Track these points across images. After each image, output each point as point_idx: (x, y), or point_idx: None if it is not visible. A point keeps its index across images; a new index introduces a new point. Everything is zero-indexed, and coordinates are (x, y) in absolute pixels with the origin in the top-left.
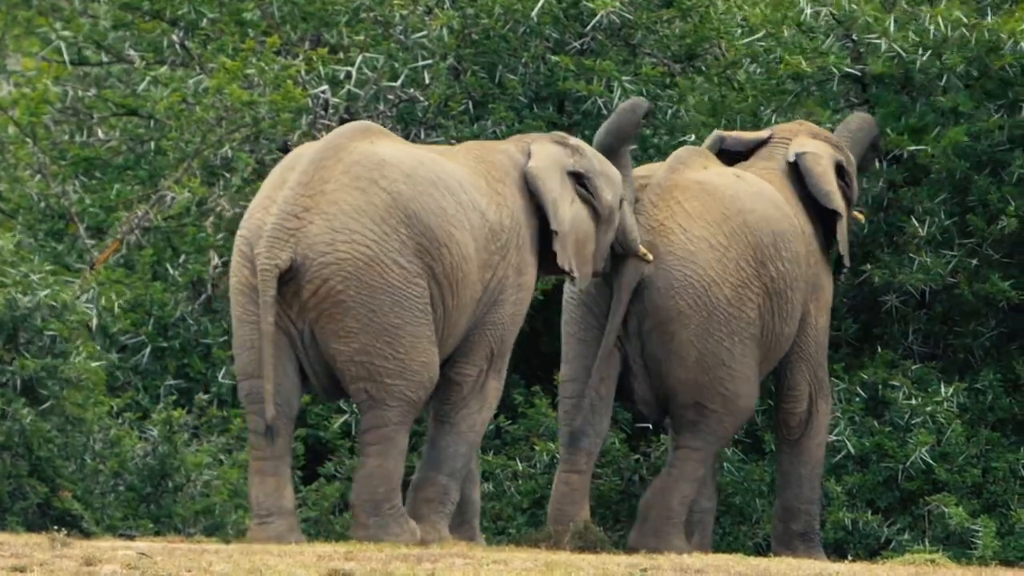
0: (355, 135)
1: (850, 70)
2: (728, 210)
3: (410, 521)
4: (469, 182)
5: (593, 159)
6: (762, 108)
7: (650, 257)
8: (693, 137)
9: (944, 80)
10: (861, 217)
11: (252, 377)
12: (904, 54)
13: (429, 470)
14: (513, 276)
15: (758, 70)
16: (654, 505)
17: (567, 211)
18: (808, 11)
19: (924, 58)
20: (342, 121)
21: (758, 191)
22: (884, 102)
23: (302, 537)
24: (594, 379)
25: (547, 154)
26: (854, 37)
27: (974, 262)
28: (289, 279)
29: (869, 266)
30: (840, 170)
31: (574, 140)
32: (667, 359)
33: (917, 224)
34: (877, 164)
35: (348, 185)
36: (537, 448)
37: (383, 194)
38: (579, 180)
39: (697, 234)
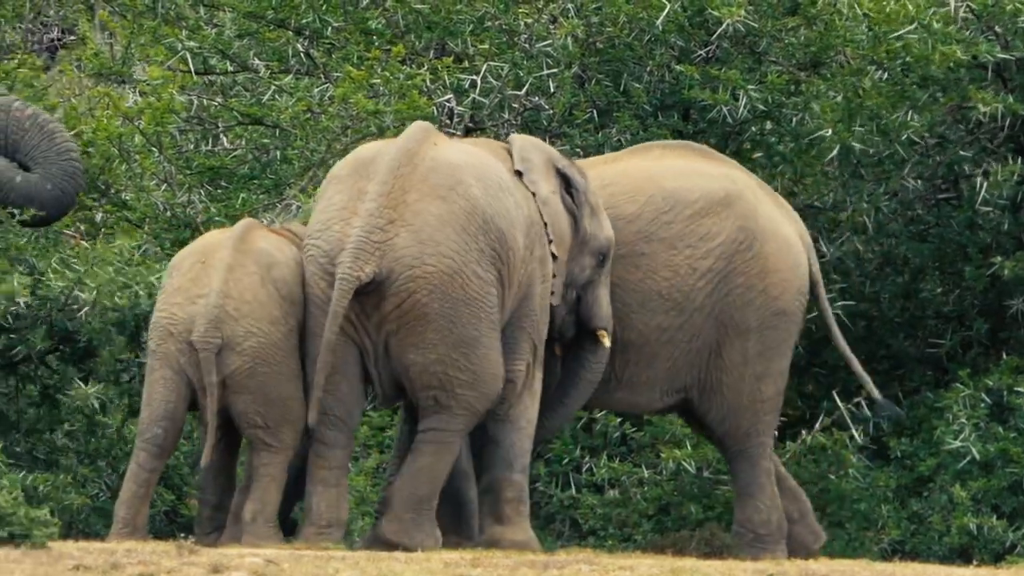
0: (422, 139)
1: (1004, 56)
2: None
3: (436, 528)
4: (510, 178)
5: (590, 190)
6: (886, 112)
7: (607, 343)
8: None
9: None
10: None
11: (325, 392)
12: None
13: (502, 471)
14: (539, 268)
15: (884, 75)
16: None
17: (546, 191)
18: (952, 3)
19: None
20: (467, 130)
21: None
22: None
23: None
24: None
25: (533, 140)
26: (996, 29)
27: None
28: (371, 291)
29: (1000, 258)
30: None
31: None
32: None
33: None
34: (1010, 160)
35: (429, 194)
36: (663, 455)
37: (462, 201)
38: (566, 185)
39: None
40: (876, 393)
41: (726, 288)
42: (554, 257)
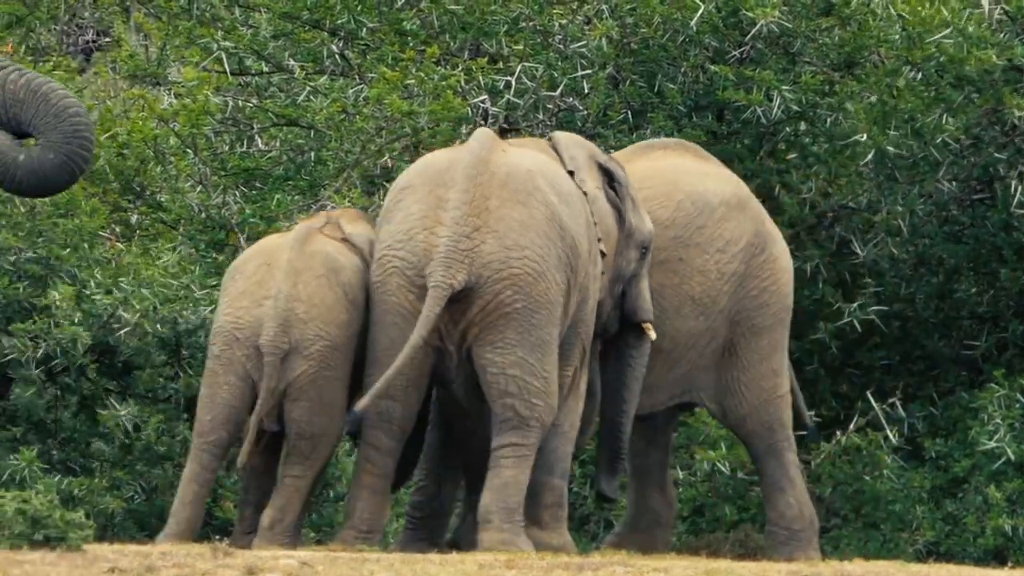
0: (491, 146)
1: None
2: None
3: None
4: (570, 182)
5: (631, 186)
6: (921, 114)
7: (653, 335)
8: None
9: None
10: None
11: (390, 398)
12: None
13: (543, 475)
14: (592, 269)
15: (919, 76)
16: None
17: (593, 188)
18: (986, 7)
19: None
20: (502, 131)
21: None
22: None
23: None
24: None
25: (574, 136)
26: None
27: None
28: (460, 298)
29: None
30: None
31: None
32: None
33: None
34: None
35: (509, 200)
36: (697, 456)
37: (542, 207)
38: (609, 180)
39: None
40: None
41: (743, 291)
42: (602, 254)
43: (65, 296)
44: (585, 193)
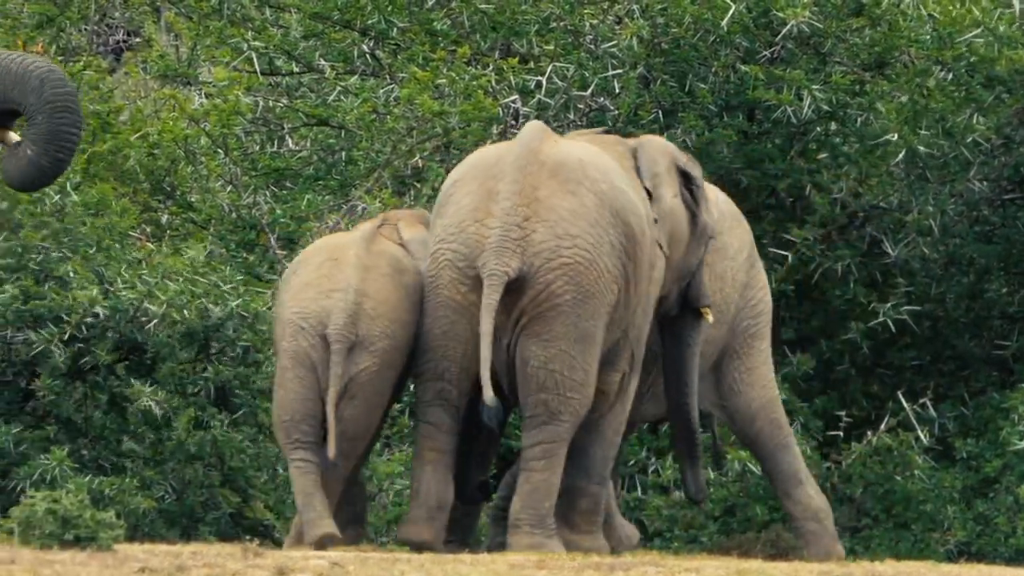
0: (542, 137)
1: None
2: None
3: (557, 540)
4: (629, 176)
5: (704, 183)
6: (951, 114)
7: (711, 319)
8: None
9: None
10: None
11: (446, 382)
12: None
13: (580, 480)
14: (650, 272)
15: (949, 76)
16: None
17: (670, 197)
18: (1017, 6)
19: None
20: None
21: None
22: None
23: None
24: None
25: (658, 141)
26: None
27: None
28: (512, 289)
29: None
30: None
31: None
32: None
33: None
34: None
35: (559, 190)
36: (729, 456)
37: (591, 195)
38: (687, 182)
39: None
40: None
41: (744, 300)
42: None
43: (77, 269)
44: (650, 194)
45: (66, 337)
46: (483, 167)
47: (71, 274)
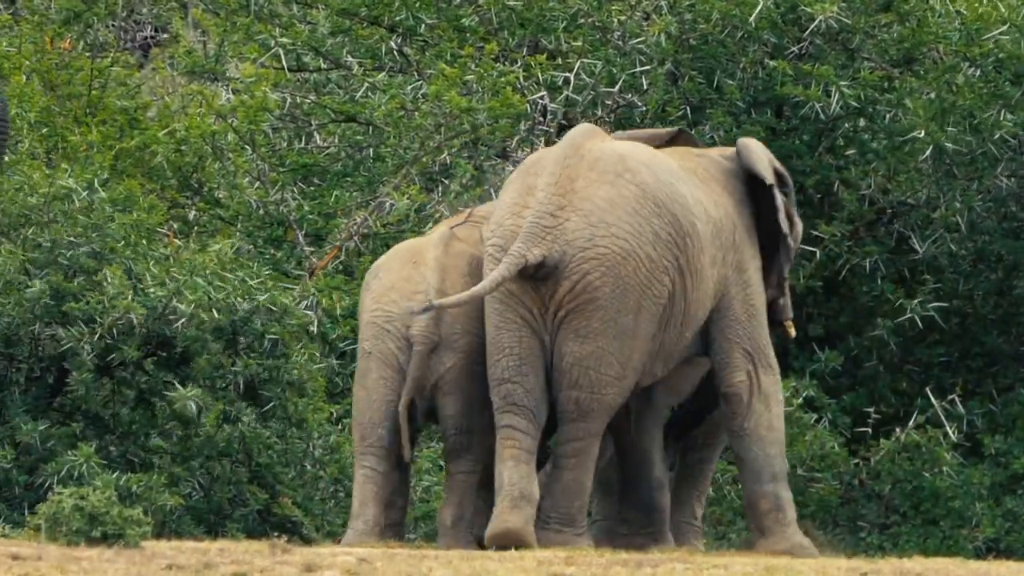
0: (588, 135)
1: None
2: None
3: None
4: (688, 177)
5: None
6: (979, 111)
7: (793, 333)
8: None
9: None
10: None
11: (509, 382)
12: None
13: (752, 485)
14: (734, 274)
15: (977, 72)
16: None
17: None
18: None
19: None
20: (560, 127)
21: None
22: None
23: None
24: None
25: (758, 148)
26: None
27: None
28: (546, 277)
29: None
30: None
31: None
32: None
33: None
34: None
35: (596, 180)
36: None
37: (631, 185)
38: (781, 183)
39: None
40: None
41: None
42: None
43: (115, 274)
44: (778, 209)
45: (96, 337)
46: (527, 165)
47: (107, 280)
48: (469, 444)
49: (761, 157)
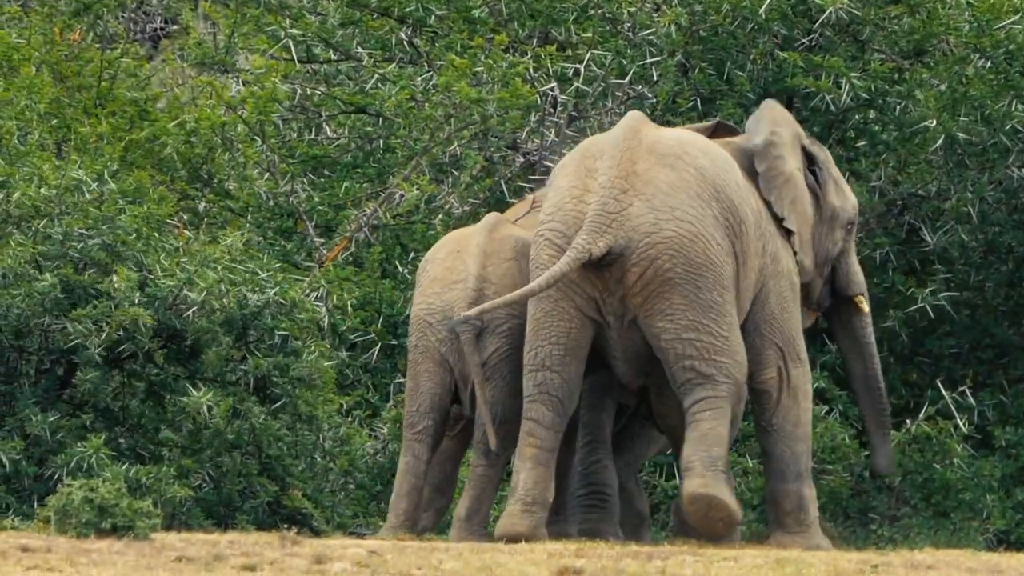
0: (642, 120)
1: None
2: None
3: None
4: (736, 166)
5: (830, 162)
6: (990, 102)
7: (866, 308)
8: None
9: None
10: None
11: (549, 370)
12: None
13: (776, 482)
14: (771, 265)
15: (988, 64)
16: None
17: (792, 168)
18: None
19: None
20: (570, 118)
21: None
22: None
23: (546, 535)
24: None
25: (784, 114)
26: None
27: None
28: (612, 263)
29: None
30: None
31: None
32: None
33: None
34: None
35: (657, 163)
36: None
37: (691, 169)
38: (809, 162)
39: None
40: None
41: None
42: (790, 233)
43: (123, 278)
44: (779, 174)
45: (103, 336)
46: (582, 150)
47: (114, 287)
48: (503, 434)
49: (784, 139)
